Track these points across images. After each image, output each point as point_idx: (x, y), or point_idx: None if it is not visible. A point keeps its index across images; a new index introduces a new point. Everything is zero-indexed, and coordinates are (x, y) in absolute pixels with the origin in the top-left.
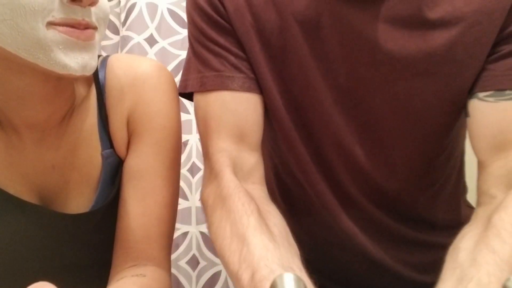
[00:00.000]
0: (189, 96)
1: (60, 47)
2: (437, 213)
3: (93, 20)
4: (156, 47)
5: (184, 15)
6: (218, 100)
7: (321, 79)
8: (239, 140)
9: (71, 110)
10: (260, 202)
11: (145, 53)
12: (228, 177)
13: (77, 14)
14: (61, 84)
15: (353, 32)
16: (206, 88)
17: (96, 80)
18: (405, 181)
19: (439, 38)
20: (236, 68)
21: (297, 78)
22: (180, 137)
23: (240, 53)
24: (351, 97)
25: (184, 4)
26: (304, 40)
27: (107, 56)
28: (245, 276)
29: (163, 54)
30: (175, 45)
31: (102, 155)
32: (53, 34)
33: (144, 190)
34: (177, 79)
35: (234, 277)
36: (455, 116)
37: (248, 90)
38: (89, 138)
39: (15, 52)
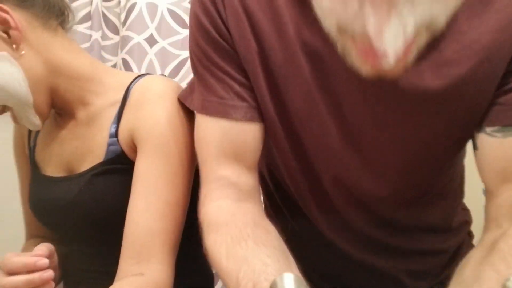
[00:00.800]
0: None
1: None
2: (433, 224)
3: None
4: (156, 47)
5: (184, 15)
6: (219, 126)
7: (326, 112)
8: (238, 163)
9: (99, 109)
10: (257, 220)
11: (145, 53)
12: (225, 206)
13: None
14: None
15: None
16: (207, 112)
17: (126, 91)
18: (406, 206)
19: (449, 76)
20: (239, 96)
21: (300, 109)
22: (186, 144)
23: (244, 81)
24: (356, 130)
25: (184, 4)
26: (310, 72)
27: (145, 74)
28: None
29: (163, 54)
30: (175, 45)
31: (107, 143)
32: None
33: (148, 189)
34: (177, 78)
35: None
36: (461, 148)
37: (250, 120)
38: (105, 129)
39: None
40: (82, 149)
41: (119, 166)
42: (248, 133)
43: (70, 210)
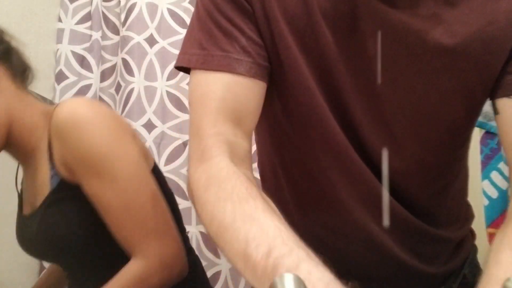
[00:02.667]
0: (184, 69)
1: None
2: (443, 208)
3: None
4: (156, 47)
5: (184, 15)
6: (221, 81)
7: (343, 66)
8: (236, 125)
9: (36, 147)
10: (264, 196)
11: (145, 53)
12: (225, 162)
13: None
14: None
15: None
16: (209, 67)
17: (49, 123)
18: (418, 174)
19: (459, 34)
20: (246, 51)
21: (322, 58)
22: (126, 153)
23: (254, 36)
24: (371, 86)
25: (184, 4)
26: (327, 27)
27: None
28: (257, 254)
29: (163, 54)
30: (175, 45)
31: (50, 176)
32: None
33: (112, 211)
34: (177, 78)
35: (240, 256)
36: (471, 115)
37: (254, 76)
38: (44, 164)
39: None
40: (33, 187)
41: (64, 194)
42: (250, 90)
43: (35, 247)
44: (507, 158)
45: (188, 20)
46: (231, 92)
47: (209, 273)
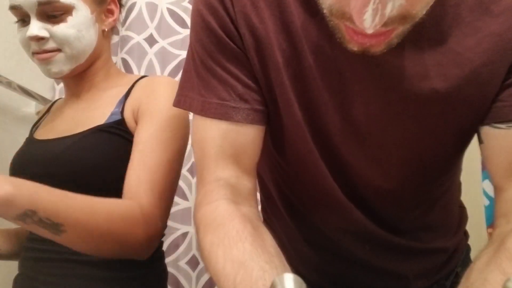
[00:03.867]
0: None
1: (39, 64)
2: (432, 222)
3: (51, 46)
4: (156, 47)
5: (184, 15)
6: (219, 128)
7: (334, 111)
8: (237, 168)
9: (106, 86)
10: (254, 224)
11: (144, 53)
12: (223, 206)
13: (37, 46)
14: (76, 77)
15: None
16: (207, 114)
17: (135, 81)
18: (407, 204)
19: (453, 78)
20: (242, 99)
21: (313, 103)
22: (178, 121)
23: (250, 83)
24: (361, 130)
25: (184, 4)
26: (317, 71)
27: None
28: None
29: (163, 54)
30: (175, 45)
31: (111, 113)
32: (35, 60)
33: (142, 150)
34: (177, 78)
35: None
36: (464, 147)
37: (251, 122)
38: (110, 105)
39: None
40: (73, 117)
41: (113, 129)
42: (248, 136)
43: (53, 164)
44: (494, 186)
45: (188, 20)
46: (229, 139)
47: (207, 275)
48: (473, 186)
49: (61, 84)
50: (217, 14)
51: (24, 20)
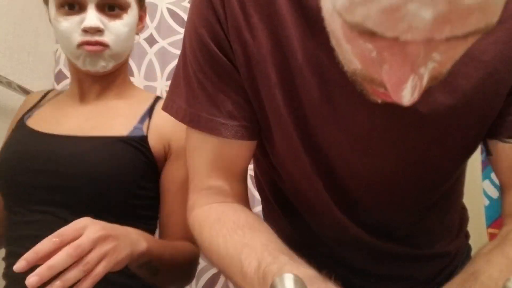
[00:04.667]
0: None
1: (83, 57)
2: (433, 227)
3: (104, 40)
4: (156, 47)
5: (184, 15)
6: (208, 142)
7: (335, 127)
8: (228, 176)
9: (119, 97)
10: (252, 217)
11: (144, 53)
12: (216, 207)
13: (89, 36)
14: (99, 77)
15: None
16: (197, 127)
17: (155, 99)
18: (410, 216)
19: (458, 90)
20: (231, 116)
21: (307, 118)
22: None
23: (239, 99)
24: (366, 144)
25: (184, 3)
26: (315, 88)
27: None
28: (250, 270)
29: (163, 54)
30: (175, 45)
31: (134, 127)
32: (80, 51)
33: (182, 188)
34: None
35: (239, 276)
36: (468, 156)
37: (240, 138)
38: (133, 117)
39: (68, 57)
40: (98, 122)
41: (136, 144)
42: (238, 150)
43: (69, 162)
44: (501, 186)
45: None
46: (219, 153)
47: (208, 274)
48: (473, 186)
49: (62, 84)
50: (210, 27)
51: (72, 5)
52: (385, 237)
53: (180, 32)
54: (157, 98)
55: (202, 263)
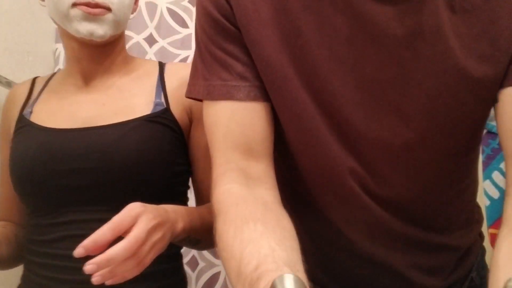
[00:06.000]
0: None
1: (77, 19)
2: (454, 213)
3: (105, 2)
4: (156, 47)
5: (183, 15)
6: (225, 109)
7: (343, 80)
8: (246, 150)
9: (123, 73)
10: (270, 205)
11: (144, 52)
12: (235, 190)
13: None
14: (100, 51)
15: (379, 29)
16: (212, 97)
17: (160, 65)
18: (428, 183)
19: (464, 33)
20: (242, 77)
21: (317, 76)
22: None
23: (247, 60)
24: (377, 97)
25: (183, 3)
26: (321, 41)
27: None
28: (246, 270)
29: (163, 54)
30: (175, 45)
31: (154, 102)
32: (74, 11)
33: (207, 153)
34: None
35: (234, 273)
36: (485, 112)
37: (254, 99)
38: (148, 92)
39: (59, 23)
40: (118, 106)
41: (160, 119)
42: (253, 114)
43: (103, 156)
44: (504, 147)
45: (187, 19)
46: (235, 119)
47: (208, 274)
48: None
49: None
50: None
51: None
52: (400, 214)
53: (179, 31)
54: (162, 64)
55: (201, 263)
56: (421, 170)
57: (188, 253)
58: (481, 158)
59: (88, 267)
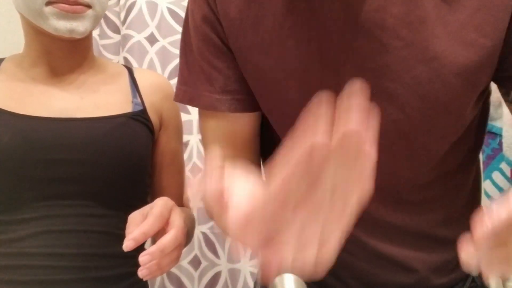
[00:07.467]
0: None
1: (54, 17)
2: (459, 206)
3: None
4: (157, 46)
5: (183, 14)
6: (212, 117)
7: (333, 75)
8: (233, 148)
9: (94, 71)
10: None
11: (145, 51)
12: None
13: None
14: (72, 46)
15: (368, 19)
16: (197, 105)
17: (128, 69)
18: (425, 172)
19: (450, 20)
20: (225, 91)
21: (308, 74)
22: None
23: (230, 74)
24: (371, 86)
25: (184, 3)
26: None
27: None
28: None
29: (164, 53)
30: (175, 44)
31: (132, 101)
32: (49, 9)
33: (176, 159)
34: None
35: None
36: (471, 95)
37: (236, 111)
38: (124, 89)
39: (30, 19)
40: (98, 101)
41: (140, 118)
42: (237, 123)
43: (95, 147)
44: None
45: None
46: (221, 127)
47: (209, 274)
48: None
49: None
50: (201, 7)
51: None
52: (394, 203)
53: (180, 31)
54: (129, 68)
55: (204, 263)
56: (416, 157)
57: (190, 252)
58: (481, 159)
59: (143, 258)
